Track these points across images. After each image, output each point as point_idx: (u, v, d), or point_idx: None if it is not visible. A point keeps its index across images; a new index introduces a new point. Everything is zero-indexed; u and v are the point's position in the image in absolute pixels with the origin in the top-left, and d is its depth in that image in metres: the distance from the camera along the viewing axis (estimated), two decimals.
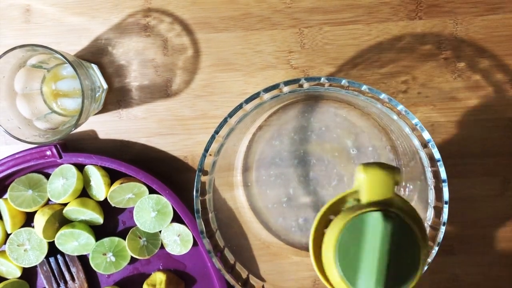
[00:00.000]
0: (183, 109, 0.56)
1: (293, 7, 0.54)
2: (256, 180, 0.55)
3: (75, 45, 0.55)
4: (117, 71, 0.55)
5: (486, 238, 0.56)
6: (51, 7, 0.55)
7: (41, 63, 0.51)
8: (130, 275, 0.56)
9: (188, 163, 0.56)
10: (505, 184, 0.56)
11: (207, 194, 0.48)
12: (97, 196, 0.54)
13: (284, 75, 0.55)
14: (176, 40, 0.55)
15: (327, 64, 0.55)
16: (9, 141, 0.56)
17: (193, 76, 0.55)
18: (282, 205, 0.55)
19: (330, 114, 0.54)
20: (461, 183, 0.55)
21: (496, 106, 0.55)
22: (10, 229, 0.54)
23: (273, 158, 0.55)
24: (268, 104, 0.50)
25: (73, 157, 0.53)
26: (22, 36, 0.55)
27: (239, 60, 0.55)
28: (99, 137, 0.56)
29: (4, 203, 0.53)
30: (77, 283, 0.55)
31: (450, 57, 0.55)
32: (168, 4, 0.55)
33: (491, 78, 0.55)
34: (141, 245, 0.54)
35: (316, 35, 0.55)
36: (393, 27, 0.54)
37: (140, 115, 0.56)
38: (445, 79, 0.55)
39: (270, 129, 0.55)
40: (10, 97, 0.49)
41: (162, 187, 0.52)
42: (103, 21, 0.55)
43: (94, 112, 0.54)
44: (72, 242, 0.53)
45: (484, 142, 0.55)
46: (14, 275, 0.55)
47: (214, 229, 0.49)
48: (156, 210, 0.53)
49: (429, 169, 0.45)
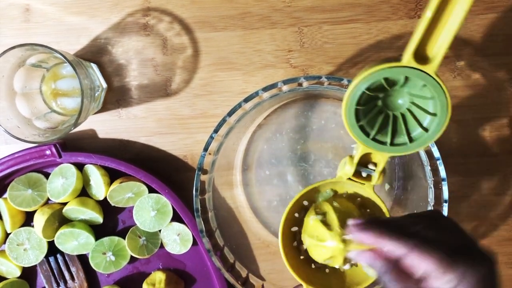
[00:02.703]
0: (183, 108, 0.56)
1: (292, 6, 0.54)
2: (256, 179, 0.55)
3: (74, 45, 0.55)
4: (117, 70, 0.55)
5: (486, 238, 0.56)
6: (50, 6, 0.55)
7: (41, 62, 0.51)
8: (130, 274, 0.56)
9: (188, 162, 0.56)
10: (505, 184, 0.56)
11: (207, 193, 0.48)
12: (96, 196, 0.54)
13: (283, 74, 0.55)
14: (176, 39, 0.55)
15: (327, 63, 0.55)
16: (8, 140, 0.56)
17: (193, 75, 0.55)
18: (282, 204, 0.55)
19: (329, 112, 0.54)
20: (460, 181, 0.55)
21: (496, 105, 0.55)
22: (9, 229, 0.54)
23: (273, 157, 0.55)
24: (268, 103, 0.50)
25: (73, 157, 0.53)
26: (22, 35, 0.55)
27: (238, 59, 0.55)
28: (99, 136, 0.56)
29: (4, 203, 0.53)
30: (77, 283, 0.55)
31: (449, 56, 0.55)
32: (167, 3, 0.55)
33: (490, 77, 0.55)
34: (140, 244, 0.54)
35: (315, 34, 0.54)
36: (392, 26, 0.54)
37: (140, 114, 0.56)
38: (444, 78, 0.55)
39: (270, 128, 0.55)
40: (9, 97, 0.49)
41: (162, 186, 0.52)
42: (103, 20, 0.55)
43: (94, 111, 0.54)
44: (71, 242, 0.53)
45: (483, 141, 0.55)
46: (13, 275, 0.55)
47: (214, 228, 0.49)
48: (156, 209, 0.53)
49: (428, 168, 0.45)
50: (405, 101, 0.36)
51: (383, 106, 0.36)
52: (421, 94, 0.35)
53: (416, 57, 0.32)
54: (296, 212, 0.42)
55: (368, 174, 0.40)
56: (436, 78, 0.33)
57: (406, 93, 0.35)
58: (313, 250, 0.40)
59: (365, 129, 0.36)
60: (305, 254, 0.42)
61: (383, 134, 0.37)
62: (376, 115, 0.36)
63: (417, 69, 0.33)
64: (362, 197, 0.42)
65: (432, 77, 0.33)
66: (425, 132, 0.35)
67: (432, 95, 0.34)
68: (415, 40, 0.32)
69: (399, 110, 0.36)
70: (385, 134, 0.36)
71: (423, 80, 0.33)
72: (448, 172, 0.44)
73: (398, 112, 0.36)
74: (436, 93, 0.33)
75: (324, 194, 0.42)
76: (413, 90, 0.35)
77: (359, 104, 0.35)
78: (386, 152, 0.37)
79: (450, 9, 0.31)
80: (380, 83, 0.34)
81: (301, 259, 0.42)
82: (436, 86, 0.33)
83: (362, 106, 0.35)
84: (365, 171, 0.40)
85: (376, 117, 0.36)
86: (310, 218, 0.40)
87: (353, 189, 0.42)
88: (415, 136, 0.36)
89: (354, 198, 0.42)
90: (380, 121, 0.36)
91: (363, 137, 0.36)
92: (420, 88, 0.34)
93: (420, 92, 0.34)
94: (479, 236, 0.56)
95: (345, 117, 0.36)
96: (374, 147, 0.37)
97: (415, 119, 0.36)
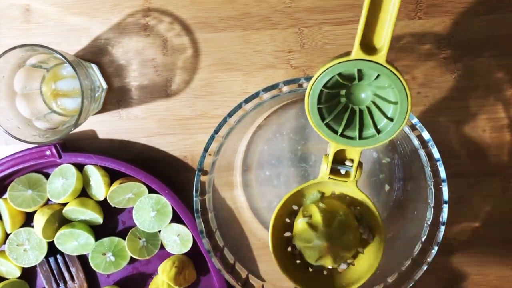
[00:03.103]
0: (183, 109, 0.56)
1: (292, 6, 0.54)
2: (256, 179, 0.55)
3: (74, 45, 0.55)
4: (117, 71, 0.55)
5: (486, 238, 0.56)
6: (51, 7, 0.55)
7: (41, 63, 0.51)
8: (130, 275, 0.56)
9: (188, 162, 0.56)
10: (505, 184, 0.56)
11: (207, 193, 0.48)
12: (96, 196, 0.54)
13: (283, 75, 0.55)
14: (176, 40, 0.55)
15: None
16: (8, 141, 0.56)
17: (193, 76, 0.55)
18: None
19: None
20: (460, 182, 0.55)
21: (496, 106, 0.55)
22: (9, 229, 0.54)
23: (273, 158, 0.55)
24: (268, 104, 0.50)
25: (73, 157, 0.53)
26: (22, 36, 0.55)
27: (238, 60, 0.55)
28: (99, 137, 0.56)
29: (4, 203, 0.53)
30: (77, 283, 0.55)
31: (449, 56, 0.54)
32: (167, 4, 0.55)
33: (490, 78, 0.55)
34: (140, 245, 0.54)
35: (315, 35, 0.54)
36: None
37: (140, 115, 0.56)
38: (444, 79, 0.55)
39: (270, 128, 0.55)
40: (9, 97, 0.49)
41: (162, 186, 0.52)
42: (103, 21, 0.55)
43: (94, 112, 0.54)
44: (71, 242, 0.53)
45: (483, 142, 0.55)
46: (13, 275, 0.55)
47: (214, 228, 0.49)
48: (156, 209, 0.53)
49: (428, 169, 0.45)
50: (368, 94, 0.36)
51: (347, 102, 0.37)
52: (379, 85, 0.35)
53: (365, 48, 0.33)
54: (287, 218, 0.42)
55: (347, 170, 0.40)
56: (387, 66, 0.33)
57: (367, 86, 0.36)
58: (305, 252, 0.41)
59: (332, 126, 0.37)
60: (300, 258, 0.42)
61: (351, 129, 0.37)
62: (342, 112, 0.37)
63: (367, 60, 0.33)
64: (350, 195, 0.42)
65: (384, 65, 0.33)
66: (390, 122, 0.36)
67: (388, 83, 0.34)
68: (359, 32, 0.33)
69: (364, 104, 0.36)
70: (353, 129, 0.37)
71: (376, 70, 0.33)
72: (448, 172, 0.44)
73: (363, 106, 0.36)
74: (391, 81, 0.33)
75: (311, 197, 0.42)
76: (373, 83, 0.35)
77: (320, 102, 0.35)
78: (357, 146, 0.37)
79: None
80: (336, 80, 0.34)
81: (297, 264, 0.42)
82: (389, 75, 0.33)
83: (325, 104, 0.36)
84: (343, 168, 0.40)
85: (342, 114, 0.37)
86: (298, 221, 0.40)
87: (338, 189, 0.42)
88: (382, 127, 0.36)
89: (343, 197, 0.42)
90: (346, 117, 0.37)
91: (332, 135, 0.37)
92: (376, 79, 0.34)
93: (378, 83, 0.35)
94: (479, 236, 0.56)
95: (309, 117, 0.36)
96: (344, 143, 0.37)
97: (380, 111, 0.36)
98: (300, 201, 0.43)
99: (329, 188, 0.42)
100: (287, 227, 0.42)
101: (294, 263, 0.42)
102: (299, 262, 0.42)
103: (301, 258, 0.42)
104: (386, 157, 0.54)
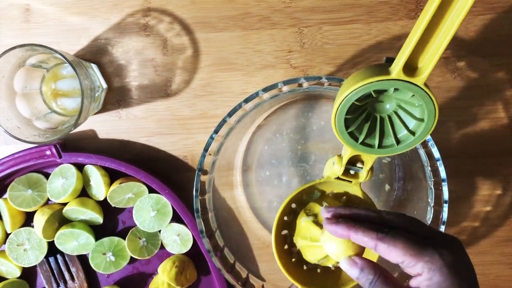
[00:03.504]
0: (183, 109, 0.56)
1: (292, 6, 0.54)
2: (256, 179, 0.55)
3: (74, 45, 0.55)
4: (117, 71, 0.55)
5: (486, 238, 0.56)
6: (50, 6, 0.55)
7: (41, 62, 0.51)
8: (130, 275, 0.56)
9: (188, 162, 0.56)
10: (505, 184, 0.56)
11: (207, 193, 0.48)
12: (96, 196, 0.54)
13: (283, 75, 0.55)
14: (176, 40, 0.55)
15: (327, 64, 0.55)
16: (8, 141, 0.56)
17: (193, 75, 0.55)
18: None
19: (329, 113, 0.54)
20: (460, 182, 0.55)
21: (496, 106, 0.55)
22: (9, 229, 0.54)
23: (273, 157, 0.55)
24: (268, 104, 0.50)
25: (73, 157, 0.53)
26: (22, 36, 0.55)
27: (238, 60, 0.55)
28: (99, 136, 0.56)
29: (4, 203, 0.53)
30: (77, 283, 0.55)
31: (449, 56, 0.55)
32: (167, 3, 0.55)
33: (490, 77, 0.55)
34: (141, 245, 0.54)
35: (315, 35, 0.54)
36: (392, 27, 0.54)
37: (140, 115, 0.56)
38: (444, 79, 0.55)
39: (270, 128, 0.55)
40: (9, 97, 0.49)
41: (162, 186, 0.52)
42: (103, 20, 0.55)
43: (94, 111, 0.54)
44: (71, 242, 0.53)
45: (484, 142, 0.55)
46: (13, 275, 0.55)
47: (214, 228, 0.49)
48: (156, 209, 0.53)
49: (428, 168, 0.45)
50: (392, 105, 0.36)
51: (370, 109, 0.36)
52: (408, 101, 0.35)
53: (405, 68, 0.32)
54: (285, 216, 0.42)
55: (356, 171, 0.40)
56: (425, 89, 0.33)
57: (393, 98, 0.35)
58: (307, 251, 0.41)
59: (354, 134, 0.37)
60: (296, 256, 0.42)
61: (371, 138, 0.37)
62: (364, 120, 0.37)
63: (408, 81, 0.33)
64: (348, 195, 0.42)
65: (422, 88, 0.33)
66: (411, 135, 0.36)
67: (420, 103, 0.34)
68: (405, 54, 0.32)
69: (386, 113, 0.36)
70: (373, 137, 0.37)
71: (412, 91, 0.33)
72: (448, 172, 0.44)
73: (385, 114, 0.36)
74: (424, 102, 0.33)
75: (313, 196, 0.42)
76: (401, 97, 0.35)
77: (348, 113, 0.35)
78: (374, 154, 0.38)
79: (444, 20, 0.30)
80: (369, 93, 0.34)
81: (293, 262, 0.42)
82: (425, 97, 0.33)
83: (351, 115, 0.36)
84: (353, 169, 0.40)
85: (364, 122, 0.37)
86: (301, 220, 0.40)
87: (339, 188, 0.42)
88: (402, 138, 0.37)
89: (340, 197, 0.42)
90: (368, 126, 0.37)
91: (352, 142, 0.37)
92: (409, 97, 0.34)
93: (408, 99, 0.35)
94: (479, 236, 0.56)
95: (334, 126, 0.36)
96: (363, 150, 0.37)
97: (402, 122, 0.36)
98: (300, 199, 0.43)
99: (330, 187, 0.42)
100: (286, 225, 0.42)
101: (290, 261, 0.42)
102: (294, 260, 0.42)
103: (297, 256, 0.42)
104: (386, 156, 0.54)
